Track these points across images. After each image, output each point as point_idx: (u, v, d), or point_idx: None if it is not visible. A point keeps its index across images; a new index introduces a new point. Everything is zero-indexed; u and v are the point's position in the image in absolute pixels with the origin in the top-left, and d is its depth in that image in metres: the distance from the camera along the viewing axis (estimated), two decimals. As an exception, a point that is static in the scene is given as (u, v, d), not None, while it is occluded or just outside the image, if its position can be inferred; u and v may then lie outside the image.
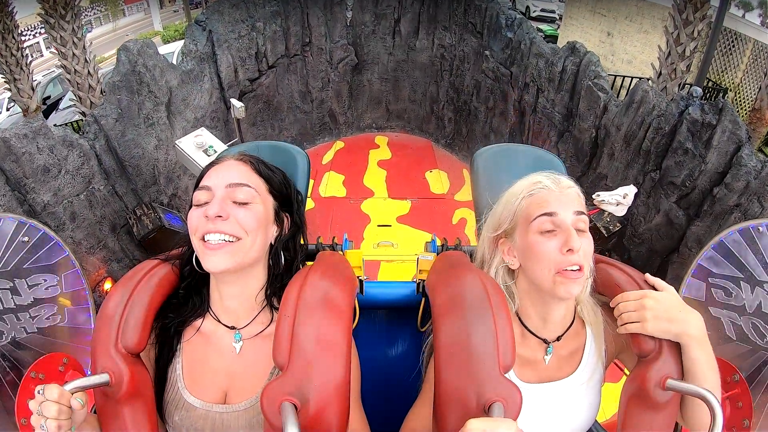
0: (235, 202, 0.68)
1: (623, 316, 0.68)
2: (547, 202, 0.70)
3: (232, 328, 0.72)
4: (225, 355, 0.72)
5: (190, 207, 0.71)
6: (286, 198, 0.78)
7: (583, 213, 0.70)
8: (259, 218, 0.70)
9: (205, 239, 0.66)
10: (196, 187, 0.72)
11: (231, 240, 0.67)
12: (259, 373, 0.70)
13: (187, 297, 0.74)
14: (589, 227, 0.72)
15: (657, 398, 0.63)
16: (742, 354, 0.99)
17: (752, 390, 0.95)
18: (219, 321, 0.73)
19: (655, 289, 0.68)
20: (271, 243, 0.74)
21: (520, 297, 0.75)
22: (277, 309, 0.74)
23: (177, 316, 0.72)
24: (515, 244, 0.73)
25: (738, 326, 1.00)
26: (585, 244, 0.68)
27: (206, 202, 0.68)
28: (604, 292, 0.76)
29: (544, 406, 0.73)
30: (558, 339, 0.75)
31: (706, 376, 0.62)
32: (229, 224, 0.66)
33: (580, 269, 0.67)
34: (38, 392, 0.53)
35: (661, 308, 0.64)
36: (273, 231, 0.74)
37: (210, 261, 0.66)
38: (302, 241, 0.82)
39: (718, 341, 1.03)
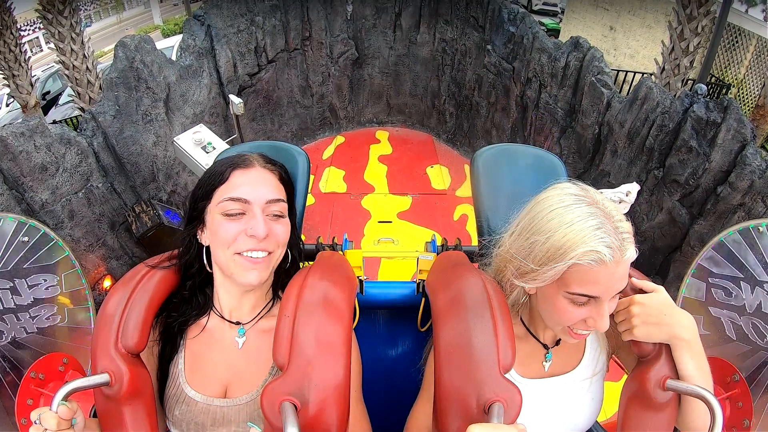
0: (267, 215, 0.68)
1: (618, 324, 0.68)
2: (596, 284, 0.60)
3: (237, 323, 0.73)
4: (227, 349, 0.72)
5: (200, 201, 0.69)
6: (290, 194, 0.78)
7: (621, 291, 0.63)
8: (289, 230, 0.72)
9: (243, 255, 0.67)
10: (217, 185, 0.68)
11: (265, 255, 0.68)
12: (261, 366, 0.71)
13: (190, 296, 0.74)
14: None
15: (657, 398, 0.63)
16: (742, 354, 0.99)
17: (752, 390, 0.95)
18: (224, 318, 0.73)
19: (644, 292, 0.67)
20: None
21: (529, 308, 0.74)
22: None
23: (180, 315, 0.73)
24: (538, 284, 0.65)
25: (738, 326, 1.00)
26: (610, 313, 0.63)
27: (240, 213, 0.67)
28: None
29: (547, 402, 0.73)
30: (557, 343, 0.75)
31: (693, 378, 0.62)
32: (269, 242, 0.68)
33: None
34: (35, 422, 0.53)
35: (648, 313, 0.64)
36: None
37: (246, 277, 0.67)
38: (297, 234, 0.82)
39: (718, 341, 1.02)
